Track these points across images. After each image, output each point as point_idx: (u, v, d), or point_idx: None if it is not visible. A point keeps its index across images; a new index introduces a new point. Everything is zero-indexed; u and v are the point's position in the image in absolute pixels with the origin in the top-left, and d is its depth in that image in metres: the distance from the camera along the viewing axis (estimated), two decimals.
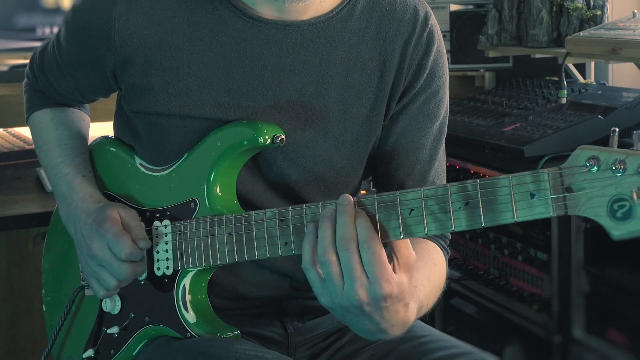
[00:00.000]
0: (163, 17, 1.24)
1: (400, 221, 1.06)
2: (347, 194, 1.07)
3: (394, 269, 1.05)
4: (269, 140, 1.22)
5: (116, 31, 1.25)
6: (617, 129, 1.06)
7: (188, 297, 1.27)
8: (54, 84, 1.43)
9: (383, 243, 1.06)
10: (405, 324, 1.09)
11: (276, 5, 1.23)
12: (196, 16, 1.25)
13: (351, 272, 1.03)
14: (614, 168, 0.92)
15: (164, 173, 1.30)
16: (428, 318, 1.24)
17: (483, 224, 1.01)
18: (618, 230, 0.93)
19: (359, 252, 1.04)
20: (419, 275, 1.16)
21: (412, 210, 1.05)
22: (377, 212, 1.07)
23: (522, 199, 0.98)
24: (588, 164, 0.94)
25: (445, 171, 1.39)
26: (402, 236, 1.06)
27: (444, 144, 1.38)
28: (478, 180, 1.01)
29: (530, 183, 0.98)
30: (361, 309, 1.04)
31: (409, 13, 1.31)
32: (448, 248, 1.34)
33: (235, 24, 1.24)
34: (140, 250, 1.25)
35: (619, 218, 0.92)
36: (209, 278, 1.29)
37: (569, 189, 0.96)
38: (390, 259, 1.06)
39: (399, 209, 1.06)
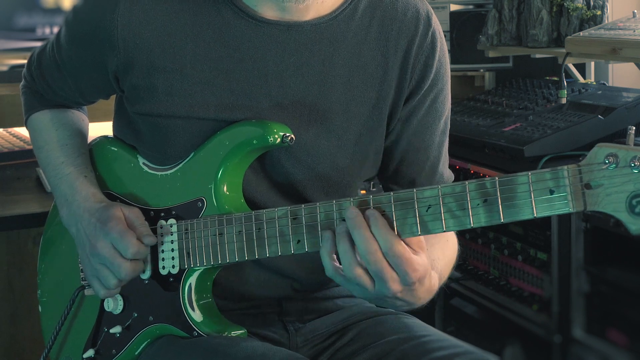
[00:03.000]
0: (166, 18, 1.24)
1: (417, 218, 1.07)
2: (352, 207, 1.10)
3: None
4: (278, 140, 1.22)
5: (119, 32, 1.25)
6: (634, 127, 1.07)
7: (194, 296, 1.27)
8: (52, 85, 1.43)
9: None
10: (431, 293, 1.17)
11: (278, 5, 1.24)
12: (199, 17, 1.25)
13: (382, 277, 1.07)
14: (632, 165, 0.95)
15: (169, 172, 1.30)
16: (428, 318, 1.25)
17: (502, 220, 1.03)
18: (636, 225, 0.95)
19: (385, 258, 1.07)
20: (434, 250, 1.23)
21: (429, 207, 1.06)
22: (393, 209, 1.08)
23: (541, 195, 1.00)
24: (607, 161, 0.96)
25: (448, 158, 1.43)
26: (419, 233, 1.08)
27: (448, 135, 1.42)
28: (497, 178, 1.03)
29: (550, 180, 1.00)
30: (395, 297, 1.10)
31: (411, 12, 1.32)
32: None
33: (238, 25, 1.25)
34: (145, 247, 1.25)
35: (638, 213, 0.95)
36: (214, 277, 1.29)
37: (587, 186, 0.98)
38: None
39: (416, 206, 1.07)
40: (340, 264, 1.10)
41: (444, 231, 1.06)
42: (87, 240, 1.29)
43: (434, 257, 1.21)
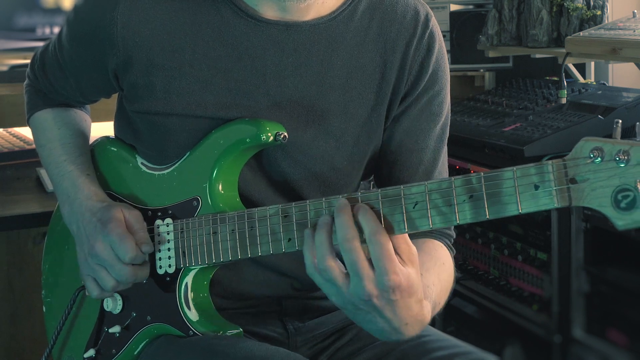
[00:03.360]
0: (165, 17, 1.25)
1: (404, 215, 1.05)
2: (342, 197, 1.07)
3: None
4: (271, 138, 1.22)
5: (118, 31, 1.25)
6: (620, 121, 1.06)
7: (190, 296, 1.27)
8: (55, 84, 1.43)
9: None
10: (422, 323, 1.08)
11: (279, 5, 1.24)
12: (198, 16, 1.25)
13: (358, 270, 1.02)
14: (617, 159, 0.93)
15: (165, 172, 1.30)
16: None
17: (488, 217, 1.01)
18: (622, 220, 0.93)
19: (366, 247, 1.03)
20: (429, 275, 1.17)
21: (416, 204, 1.05)
22: (381, 206, 1.07)
23: (526, 191, 0.98)
24: (592, 155, 0.95)
25: (448, 171, 1.39)
26: (406, 230, 1.05)
27: (446, 144, 1.38)
28: (482, 174, 1.01)
29: (535, 175, 0.98)
30: (371, 303, 1.03)
31: (410, 15, 1.31)
32: (453, 247, 1.35)
33: (238, 24, 1.25)
34: (142, 254, 1.25)
35: (623, 208, 0.93)
36: (211, 276, 1.29)
37: (573, 180, 0.96)
38: None
39: (403, 203, 1.05)
40: None
41: (431, 228, 1.04)
42: (86, 239, 1.29)
43: (429, 283, 1.14)
